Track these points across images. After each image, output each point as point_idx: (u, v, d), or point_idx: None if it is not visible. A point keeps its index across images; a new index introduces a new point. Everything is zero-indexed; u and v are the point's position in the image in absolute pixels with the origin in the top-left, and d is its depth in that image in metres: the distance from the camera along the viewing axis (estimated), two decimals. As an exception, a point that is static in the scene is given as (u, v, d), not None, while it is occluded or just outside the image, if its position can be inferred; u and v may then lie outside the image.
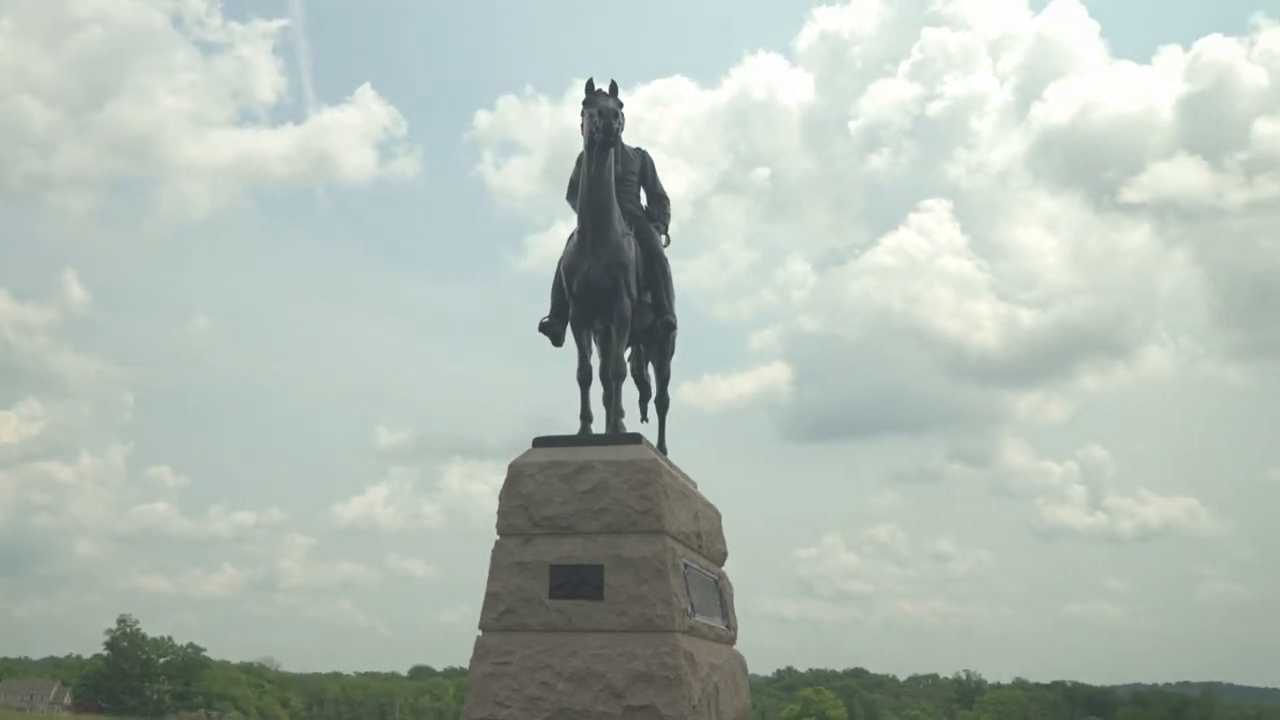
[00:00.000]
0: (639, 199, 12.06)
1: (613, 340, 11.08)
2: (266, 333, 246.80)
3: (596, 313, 11.03)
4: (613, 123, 10.69)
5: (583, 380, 11.12)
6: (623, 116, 10.90)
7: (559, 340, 11.54)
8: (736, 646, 12.18)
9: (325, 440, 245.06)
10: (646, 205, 12.15)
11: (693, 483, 11.70)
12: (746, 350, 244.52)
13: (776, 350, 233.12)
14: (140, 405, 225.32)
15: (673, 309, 11.90)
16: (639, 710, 9.17)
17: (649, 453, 10.45)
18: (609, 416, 11.16)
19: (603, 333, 11.32)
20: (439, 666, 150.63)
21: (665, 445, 12.15)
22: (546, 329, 11.55)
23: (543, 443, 10.57)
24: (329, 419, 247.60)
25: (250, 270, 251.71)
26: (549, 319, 11.53)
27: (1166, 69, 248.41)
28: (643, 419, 12.56)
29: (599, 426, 11.10)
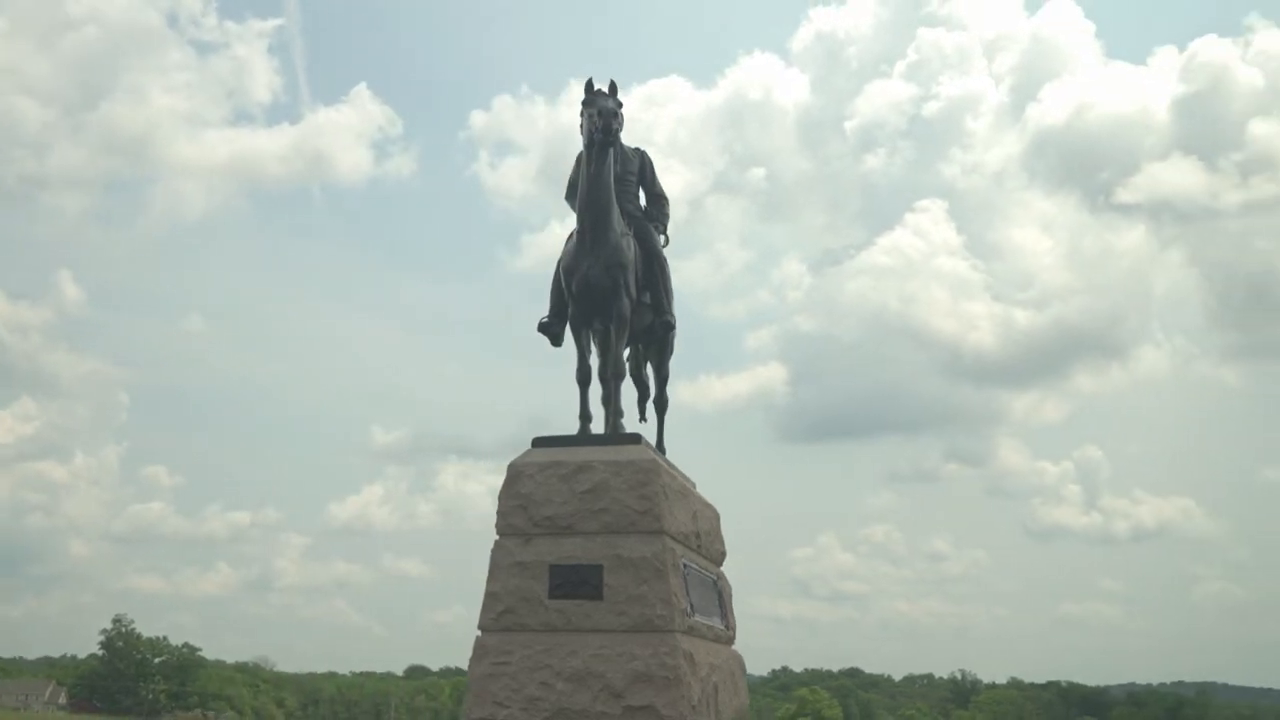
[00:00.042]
0: (638, 199, 12.05)
1: (612, 340, 11.07)
2: (261, 332, 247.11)
3: (595, 313, 11.03)
4: (612, 123, 10.69)
5: (582, 380, 11.11)
6: (622, 116, 10.92)
7: (558, 340, 11.54)
8: (734, 646, 12.18)
9: (320, 440, 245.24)
10: (645, 205, 12.15)
11: (691, 483, 11.70)
12: (742, 350, 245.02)
13: (772, 350, 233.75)
14: (135, 405, 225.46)
15: (672, 309, 11.90)
16: (638, 710, 9.17)
17: (648, 453, 10.45)
18: (608, 416, 11.16)
19: (601, 333, 11.31)
20: (434, 666, 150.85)
21: (664, 445, 12.16)
22: (545, 329, 11.54)
23: (542, 443, 10.56)
24: (324, 418, 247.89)
25: (245, 270, 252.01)
26: (548, 319, 11.52)
27: (1162, 70, 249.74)
28: (641, 419, 12.56)
29: (598, 426, 11.10)
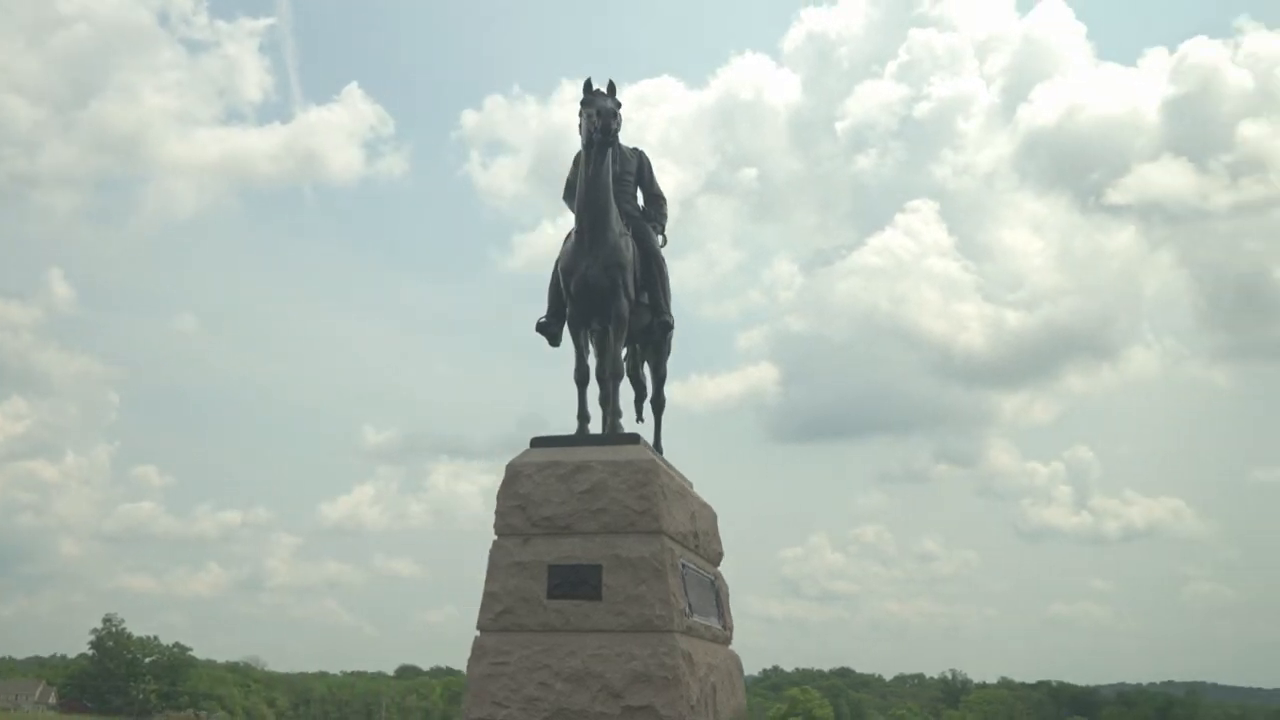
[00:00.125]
0: (636, 199, 12.06)
1: (610, 340, 11.07)
2: (252, 332, 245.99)
3: (594, 313, 11.03)
4: (611, 123, 10.71)
5: (580, 380, 11.12)
6: (621, 117, 10.93)
7: (556, 340, 11.55)
8: (731, 646, 12.19)
9: (312, 439, 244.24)
10: (643, 205, 12.15)
11: (689, 483, 11.71)
12: (733, 350, 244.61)
13: (763, 350, 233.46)
14: (126, 404, 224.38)
15: (670, 309, 11.90)
16: (637, 710, 9.17)
17: (647, 453, 10.45)
18: (606, 416, 11.17)
19: (599, 333, 11.31)
20: (425, 666, 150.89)
21: (661, 445, 12.15)
22: (544, 329, 11.54)
23: (540, 443, 10.56)
24: (316, 418, 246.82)
25: (236, 269, 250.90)
26: (546, 319, 11.52)
27: (1152, 71, 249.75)
28: (638, 419, 12.55)
29: (595, 426, 11.11)
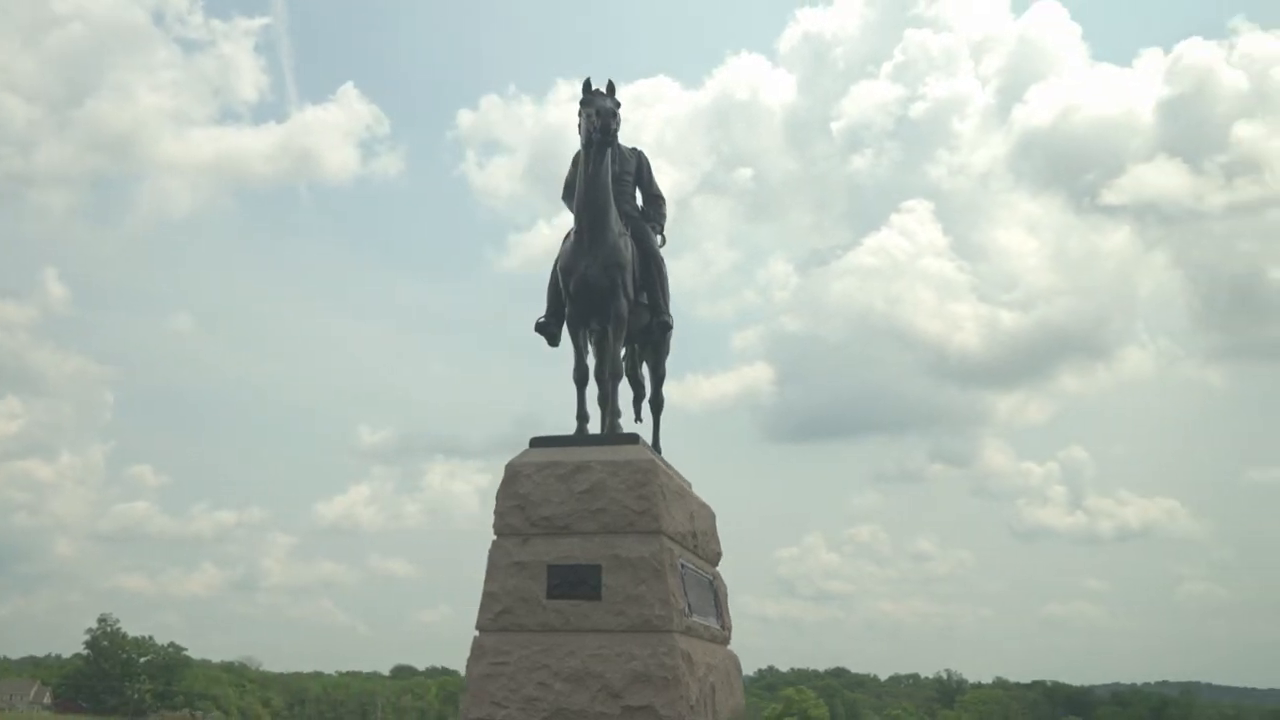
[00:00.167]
0: (635, 199, 12.05)
1: (609, 340, 11.07)
2: (248, 331, 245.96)
3: (593, 313, 11.02)
4: (610, 123, 10.70)
5: (579, 380, 11.10)
6: (620, 117, 10.92)
7: (555, 340, 11.54)
8: (730, 646, 12.19)
9: (307, 439, 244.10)
10: (642, 205, 12.14)
11: (688, 483, 11.70)
12: (729, 350, 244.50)
13: (758, 350, 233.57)
14: (121, 404, 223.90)
15: (669, 309, 11.89)
16: (637, 710, 9.17)
17: (646, 453, 10.45)
18: (604, 416, 11.17)
19: (598, 333, 11.31)
20: (420, 666, 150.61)
21: (660, 445, 12.15)
22: (542, 329, 11.53)
23: (540, 443, 10.55)
24: (311, 418, 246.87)
25: (232, 269, 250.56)
26: (545, 319, 11.51)
27: (1147, 72, 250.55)
28: (636, 419, 12.54)
29: (594, 427, 11.10)
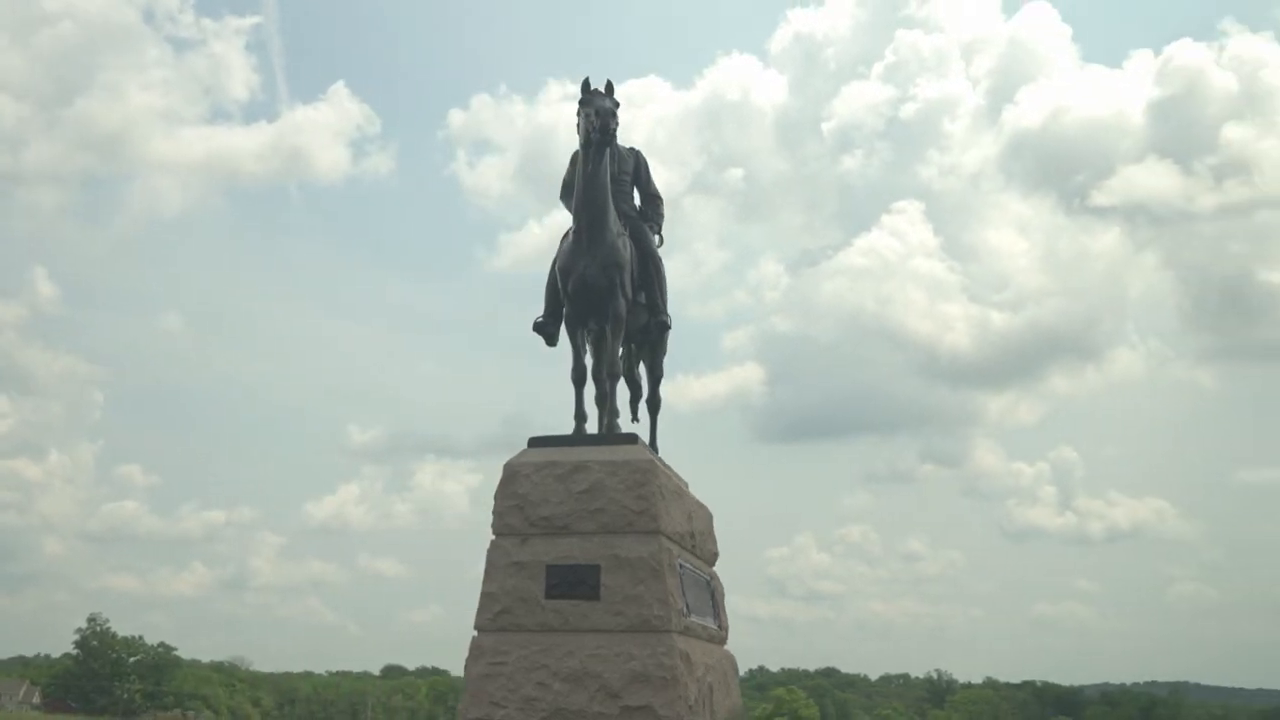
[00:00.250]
0: (633, 199, 12.05)
1: (607, 340, 11.07)
2: (238, 330, 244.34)
3: (591, 313, 11.01)
4: (609, 122, 10.69)
5: (577, 380, 11.11)
6: (618, 116, 10.93)
7: (553, 340, 11.52)
8: (727, 646, 12.20)
9: (296, 438, 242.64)
10: (640, 205, 12.14)
11: (685, 483, 11.70)
12: (719, 350, 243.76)
13: (749, 350, 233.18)
14: (110, 403, 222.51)
15: (667, 309, 11.88)
16: (636, 710, 9.17)
17: (645, 453, 10.45)
18: (603, 416, 11.17)
19: (597, 332, 11.31)
20: (410, 665, 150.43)
21: (657, 445, 12.14)
22: (541, 329, 11.52)
23: (538, 442, 10.55)
24: (301, 417, 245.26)
25: (222, 268, 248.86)
26: (543, 319, 11.50)
27: (1137, 73, 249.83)
28: (633, 419, 12.54)
29: (592, 426, 11.10)
